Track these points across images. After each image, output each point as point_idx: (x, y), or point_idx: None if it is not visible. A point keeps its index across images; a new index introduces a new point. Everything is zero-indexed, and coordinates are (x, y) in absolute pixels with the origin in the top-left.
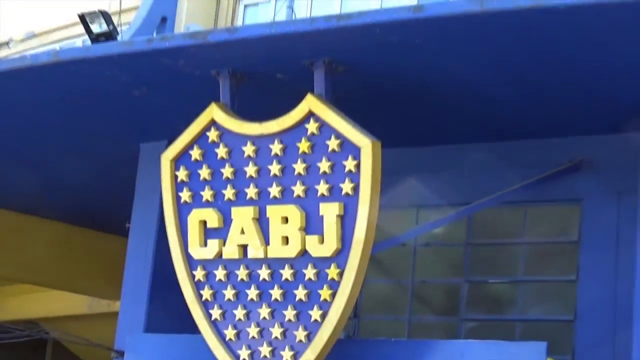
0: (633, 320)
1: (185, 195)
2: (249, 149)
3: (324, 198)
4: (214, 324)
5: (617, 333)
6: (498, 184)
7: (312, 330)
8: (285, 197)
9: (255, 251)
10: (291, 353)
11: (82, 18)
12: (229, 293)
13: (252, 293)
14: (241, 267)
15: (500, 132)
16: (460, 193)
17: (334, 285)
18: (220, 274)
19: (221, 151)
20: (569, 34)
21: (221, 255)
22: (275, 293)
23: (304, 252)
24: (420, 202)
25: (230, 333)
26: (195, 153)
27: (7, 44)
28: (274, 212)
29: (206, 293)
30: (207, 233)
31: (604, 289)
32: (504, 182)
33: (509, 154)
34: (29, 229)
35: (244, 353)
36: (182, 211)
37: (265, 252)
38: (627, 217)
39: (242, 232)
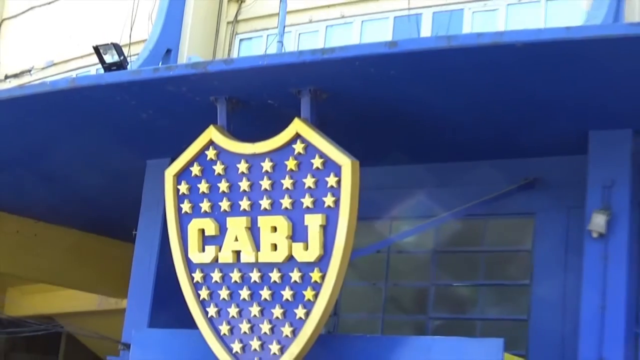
0: (580, 319)
1: (185, 206)
2: (242, 166)
3: (308, 210)
4: (210, 320)
5: (565, 331)
6: (462, 199)
7: (297, 326)
8: (275, 209)
9: (247, 256)
10: (278, 347)
11: (97, 49)
12: (223, 293)
13: (245, 293)
14: (235, 270)
15: (464, 153)
16: (428, 207)
17: (317, 287)
18: (216, 276)
19: (218, 168)
20: (523, 68)
21: (217, 260)
22: (265, 293)
23: (290, 258)
24: (394, 214)
25: (224, 329)
26: (195, 169)
27: (29, 71)
28: (264, 222)
29: (204, 293)
30: (205, 240)
31: (554, 292)
32: (467, 197)
33: (471, 172)
34: (47, 235)
35: (236, 346)
36: (183, 220)
37: (256, 257)
38: (575, 229)
39: (236, 239)
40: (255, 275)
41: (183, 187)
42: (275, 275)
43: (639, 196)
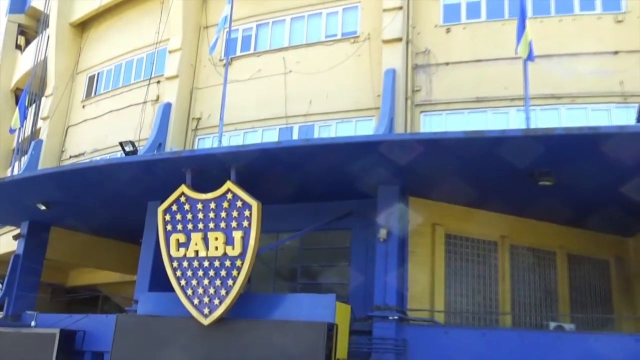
0: (374, 284)
1: (169, 227)
2: (199, 206)
3: (234, 229)
4: (182, 287)
5: (367, 289)
6: (315, 220)
7: (228, 290)
8: (216, 228)
9: (202, 253)
10: (218, 300)
11: (121, 144)
12: (189, 273)
13: (200, 273)
14: (195, 261)
15: (318, 197)
16: (297, 225)
17: (239, 269)
18: (185, 264)
19: (186, 207)
20: (345, 156)
21: (185, 255)
22: (211, 272)
23: (225, 254)
24: (279, 229)
25: (189, 291)
26: (174, 207)
27: (82, 154)
28: (211, 235)
29: (178, 273)
30: (179, 245)
31: (361, 269)
32: (318, 219)
33: (321, 207)
34: (93, 242)
35: (195, 301)
36: (167, 234)
37: (207, 254)
38: (372, 236)
39: (196, 244)
40: (206, 263)
41: (167, 217)
42: (217, 263)
43: (403, 219)
